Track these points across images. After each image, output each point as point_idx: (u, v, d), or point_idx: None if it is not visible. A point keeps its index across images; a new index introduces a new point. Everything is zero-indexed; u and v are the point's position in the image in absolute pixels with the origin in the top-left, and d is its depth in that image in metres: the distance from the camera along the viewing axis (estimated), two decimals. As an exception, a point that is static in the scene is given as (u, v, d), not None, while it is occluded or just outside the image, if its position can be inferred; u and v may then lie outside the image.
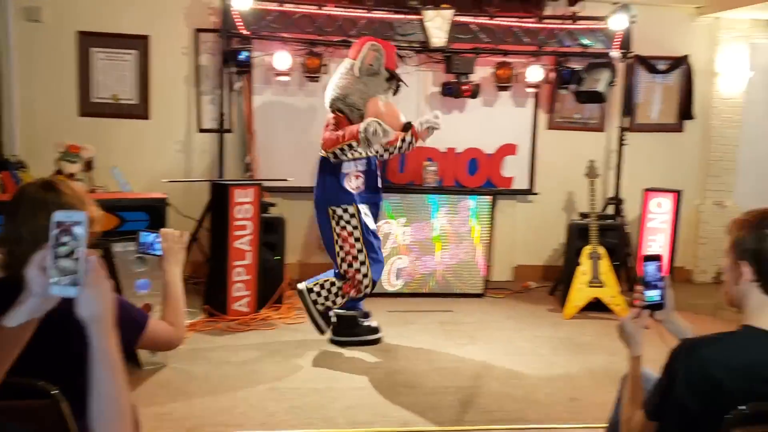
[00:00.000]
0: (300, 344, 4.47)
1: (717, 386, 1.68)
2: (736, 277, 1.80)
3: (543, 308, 5.51)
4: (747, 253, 1.75)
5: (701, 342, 1.79)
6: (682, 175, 6.36)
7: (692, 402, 1.71)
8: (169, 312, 2.20)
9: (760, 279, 1.75)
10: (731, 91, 6.41)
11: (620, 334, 2.04)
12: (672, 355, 1.78)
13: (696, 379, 1.70)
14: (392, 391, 3.81)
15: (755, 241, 1.73)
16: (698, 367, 1.70)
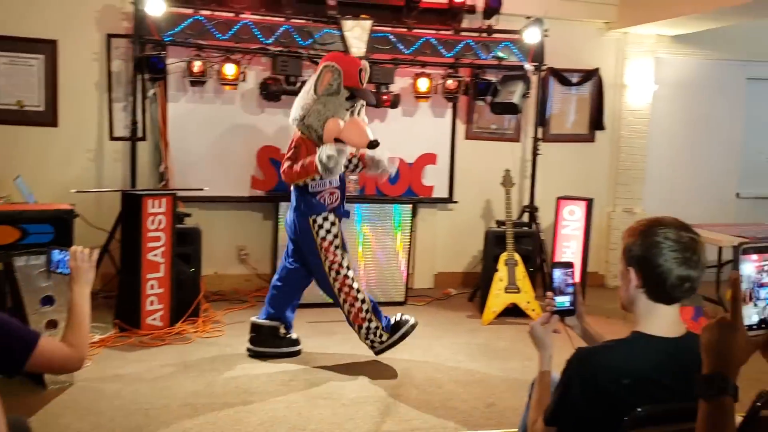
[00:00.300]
0: (216, 358, 4.37)
1: (609, 392, 1.73)
2: (626, 283, 1.85)
3: (462, 315, 5.59)
4: (634, 260, 1.81)
5: (593, 350, 1.85)
6: (593, 184, 6.59)
7: (587, 409, 1.76)
8: (70, 332, 2.10)
9: (645, 286, 1.80)
10: (638, 103, 6.70)
11: (532, 339, 2.10)
12: (567, 363, 1.83)
13: (589, 386, 1.75)
14: (310, 403, 3.77)
15: (641, 248, 1.78)
16: (591, 375, 1.75)
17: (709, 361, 1.28)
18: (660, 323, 1.81)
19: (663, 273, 1.76)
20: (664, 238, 1.76)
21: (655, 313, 1.81)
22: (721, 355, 1.27)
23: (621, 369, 1.74)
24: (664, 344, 1.79)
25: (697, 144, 7.02)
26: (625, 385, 1.73)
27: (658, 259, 1.76)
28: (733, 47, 6.86)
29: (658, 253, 1.76)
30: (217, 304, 5.49)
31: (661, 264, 1.75)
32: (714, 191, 7.11)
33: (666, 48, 6.78)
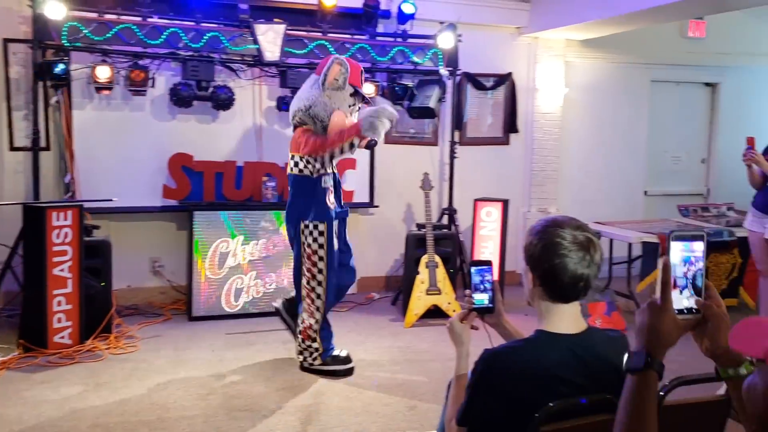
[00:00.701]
0: (129, 375, 4.19)
1: (515, 392, 1.74)
2: (528, 282, 1.88)
3: (385, 319, 5.58)
4: (532, 259, 1.83)
5: (498, 351, 1.85)
6: (509, 185, 6.73)
7: (494, 409, 1.76)
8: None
9: (542, 285, 1.82)
10: (550, 106, 6.89)
11: (449, 334, 2.11)
12: (474, 365, 1.83)
13: (495, 387, 1.76)
14: (229, 416, 3.67)
15: (538, 249, 1.80)
16: (496, 376, 1.76)
17: (640, 340, 1.35)
18: (560, 321, 1.83)
19: (558, 273, 1.78)
20: (560, 238, 1.78)
21: (554, 311, 1.83)
22: (650, 336, 1.33)
23: (525, 368, 1.76)
24: (566, 341, 1.81)
25: (606, 144, 7.28)
26: (530, 383, 1.74)
27: (553, 260, 1.77)
28: (638, 51, 7.16)
29: (554, 254, 1.77)
30: (131, 318, 5.29)
31: (556, 264, 1.77)
32: (623, 190, 7.39)
33: (575, 52, 7.01)
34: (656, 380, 1.33)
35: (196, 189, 5.47)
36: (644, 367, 1.32)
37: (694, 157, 7.86)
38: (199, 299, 5.33)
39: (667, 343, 1.34)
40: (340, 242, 4.32)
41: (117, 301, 5.06)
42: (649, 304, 1.35)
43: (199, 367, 4.36)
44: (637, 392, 1.33)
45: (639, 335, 1.36)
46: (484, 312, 2.08)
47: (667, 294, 1.33)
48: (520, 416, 1.71)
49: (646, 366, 1.32)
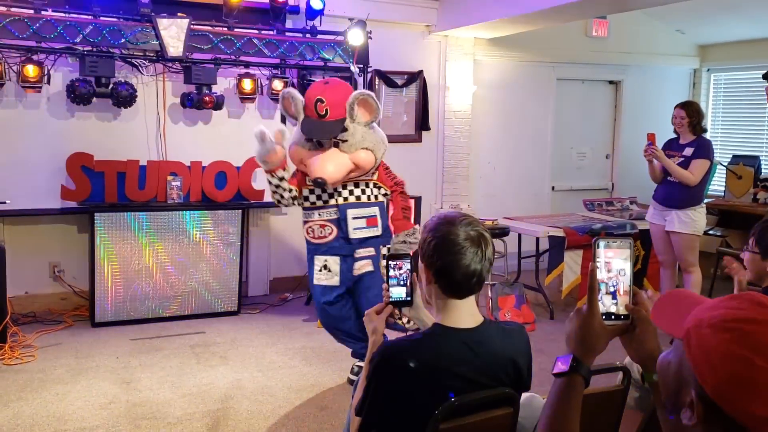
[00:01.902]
0: (24, 386, 3.99)
1: (413, 383, 1.76)
2: (424, 279, 1.89)
3: (298, 319, 5.53)
4: (426, 257, 1.85)
5: (394, 344, 1.87)
6: (422, 182, 6.79)
7: (392, 401, 1.78)
8: None
9: (437, 280, 1.84)
10: (460, 103, 6.99)
11: (365, 325, 2.10)
12: (372, 355, 1.84)
13: (390, 379, 1.78)
14: (132, 425, 3.55)
15: (432, 246, 1.83)
16: (391, 369, 1.78)
17: (569, 346, 1.37)
18: (456, 315, 1.86)
19: (452, 269, 1.80)
20: (453, 235, 1.81)
21: (450, 306, 1.86)
22: (578, 342, 1.34)
23: (421, 359, 1.77)
24: (461, 335, 1.84)
25: (515, 141, 7.46)
26: (425, 376, 1.76)
27: (446, 257, 1.80)
28: (544, 50, 7.36)
29: (447, 251, 1.80)
30: (28, 326, 5.03)
31: (450, 261, 1.80)
32: (531, 185, 7.60)
33: (484, 51, 7.14)
34: (582, 385, 1.34)
35: (97, 190, 5.24)
36: (570, 371, 1.33)
37: (599, 153, 8.16)
38: (104, 304, 5.13)
39: (594, 348, 1.35)
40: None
41: (13, 309, 4.80)
42: (577, 311, 1.36)
43: (101, 376, 4.20)
44: (563, 396, 1.33)
45: (568, 342, 1.37)
46: (401, 305, 2.08)
47: (594, 300, 1.34)
48: (415, 408, 1.73)
49: (572, 370, 1.33)
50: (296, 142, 3.99)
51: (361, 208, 4.03)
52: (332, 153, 3.83)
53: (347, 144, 3.84)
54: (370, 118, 3.91)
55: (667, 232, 5.22)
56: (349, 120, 3.85)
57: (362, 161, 3.90)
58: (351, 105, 3.83)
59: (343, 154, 3.84)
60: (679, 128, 5.18)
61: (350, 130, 3.85)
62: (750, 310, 0.99)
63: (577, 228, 5.74)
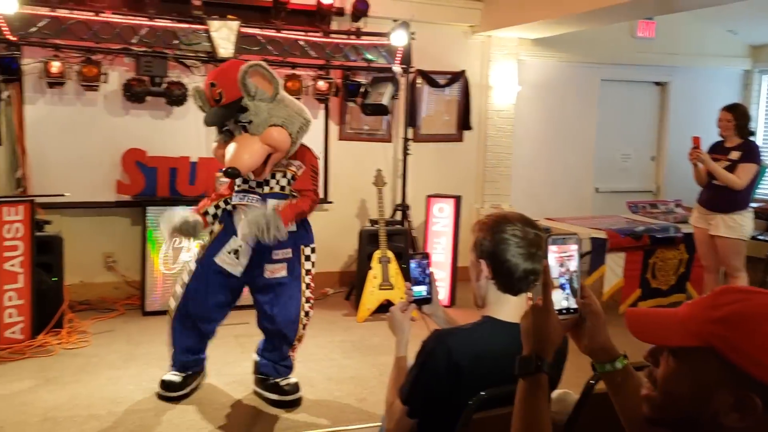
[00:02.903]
0: (81, 369, 4.22)
1: (459, 372, 1.85)
2: (477, 274, 1.99)
3: (338, 313, 5.67)
4: (485, 253, 1.94)
5: (447, 331, 1.97)
6: (462, 182, 6.86)
7: (438, 387, 1.87)
8: None
9: (495, 277, 1.94)
10: (503, 103, 7.03)
11: (389, 323, 2.21)
12: (422, 344, 1.94)
13: (441, 365, 1.86)
14: (179, 409, 3.73)
15: (491, 244, 1.92)
16: (443, 354, 1.86)
17: (528, 344, 1.41)
18: (507, 310, 1.95)
19: (511, 267, 1.91)
20: (512, 234, 1.91)
21: (503, 301, 1.95)
22: (537, 338, 1.39)
23: (470, 350, 1.87)
24: (510, 329, 1.89)
25: (558, 142, 7.46)
26: (473, 365, 1.85)
27: (506, 255, 1.90)
28: (589, 50, 7.34)
29: (506, 249, 1.90)
30: (84, 313, 5.29)
31: (509, 259, 1.90)
32: (574, 186, 7.58)
33: (528, 51, 7.16)
34: (547, 382, 1.39)
35: (150, 184, 5.49)
36: (535, 370, 1.37)
37: (644, 155, 8.09)
38: (153, 294, 5.36)
39: (553, 343, 1.39)
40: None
41: (69, 297, 5.05)
42: (533, 307, 1.41)
43: (151, 362, 4.40)
44: (531, 395, 1.37)
45: (525, 338, 1.42)
46: (422, 303, 2.18)
47: (549, 295, 1.38)
48: (459, 396, 1.82)
49: (537, 369, 1.37)
50: (216, 139, 3.65)
51: (281, 199, 3.64)
52: (242, 139, 3.45)
53: (254, 125, 3.44)
54: (272, 90, 3.47)
55: (712, 237, 5.17)
56: (248, 98, 3.42)
57: (275, 141, 3.45)
58: (242, 81, 3.40)
59: (253, 138, 3.43)
60: (725, 131, 5.13)
61: (251, 109, 3.43)
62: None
63: (620, 230, 5.73)
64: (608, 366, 1.41)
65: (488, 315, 1.97)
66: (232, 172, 3.40)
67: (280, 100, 3.52)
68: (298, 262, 3.79)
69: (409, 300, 2.19)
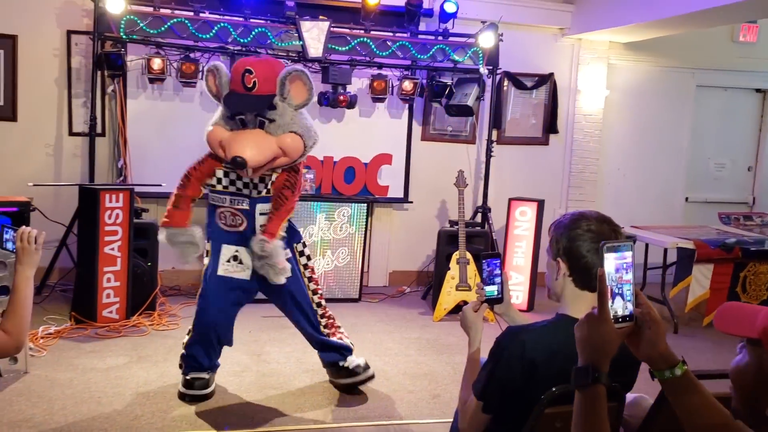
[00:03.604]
0: (170, 350, 4.45)
1: (534, 367, 1.87)
2: (554, 272, 2.00)
3: (415, 312, 5.73)
4: (561, 251, 1.96)
5: (522, 327, 1.99)
6: (546, 186, 6.78)
7: (512, 382, 1.89)
8: (9, 318, 2.15)
9: (572, 274, 1.95)
10: (591, 107, 6.91)
11: (462, 322, 2.25)
12: (497, 340, 1.97)
13: (516, 361, 1.89)
14: (260, 393, 3.88)
15: (567, 240, 1.94)
16: (518, 350, 1.89)
17: (583, 354, 1.40)
18: (583, 307, 1.91)
19: (588, 263, 1.91)
20: (587, 230, 1.92)
21: (581, 298, 1.95)
22: (593, 348, 1.38)
23: (545, 346, 1.89)
24: None
25: (647, 148, 7.26)
26: (547, 361, 1.87)
27: (582, 250, 1.91)
28: (684, 55, 7.11)
29: (582, 246, 1.91)
30: (174, 298, 5.57)
31: (586, 255, 1.91)
32: (663, 195, 7.35)
33: (618, 54, 7.01)
34: (605, 393, 1.37)
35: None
36: (592, 382, 1.36)
37: (740, 165, 7.75)
38: (239, 283, 5.57)
39: (609, 353, 1.37)
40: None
41: (162, 281, 5.35)
42: (588, 316, 1.39)
43: (235, 347, 4.53)
44: (588, 407, 1.36)
45: (581, 349, 1.41)
46: (494, 302, 2.21)
47: (605, 304, 1.36)
48: (534, 392, 1.84)
49: (594, 381, 1.36)
50: (216, 122, 3.58)
51: (267, 203, 3.59)
52: (256, 134, 3.38)
53: (275, 125, 3.39)
54: (302, 101, 3.43)
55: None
56: (279, 98, 3.39)
57: (289, 147, 3.40)
58: (282, 80, 3.37)
59: (268, 137, 3.38)
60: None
61: (279, 108, 3.39)
62: None
63: (709, 241, 5.53)
64: (668, 373, 1.38)
65: (563, 312, 1.98)
66: (240, 162, 3.31)
67: (301, 112, 3.51)
68: (294, 262, 3.75)
69: (480, 299, 2.22)
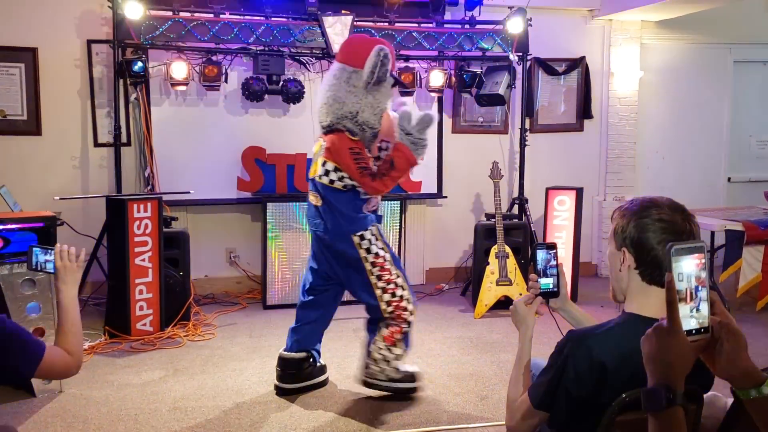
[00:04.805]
0: (207, 361, 4.34)
1: (603, 374, 1.71)
2: (618, 264, 1.82)
3: (454, 309, 5.56)
4: (627, 241, 1.77)
5: (587, 332, 1.81)
6: (583, 173, 6.57)
7: (580, 390, 1.73)
8: (64, 338, 2.07)
9: (639, 266, 1.77)
10: (625, 90, 6.67)
11: (513, 317, 2.10)
12: (558, 346, 1.80)
13: (583, 368, 1.72)
14: (301, 402, 3.74)
15: (636, 229, 1.75)
16: (585, 357, 1.72)
17: (654, 374, 1.23)
18: (653, 304, 1.76)
19: (658, 255, 1.72)
20: (657, 219, 1.73)
21: (648, 294, 1.77)
22: (665, 366, 1.21)
23: (613, 351, 1.71)
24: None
25: (686, 129, 7.00)
26: (617, 367, 1.70)
27: (652, 242, 1.73)
28: (719, 31, 6.84)
29: (652, 236, 1.73)
30: (208, 307, 5.47)
31: (655, 246, 1.72)
32: (704, 176, 7.09)
33: (651, 34, 6.76)
34: (682, 415, 1.21)
35: (269, 181, 5.61)
36: (666, 404, 1.19)
37: (784, 141, 7.46)
38: (273, 288, 5.46)
39: (683, 370, 1.21)
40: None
41: (195, 290, 5.25)
42: (656, 328, 1.22)
43: (273, 354, 4.43)
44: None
45: (650, 367, 1.24)
46: (549, 296, 2.05)
47: (675, 315, 1.19)
48: (603, 400, 1.68)
49: (669, 404, 1.19)
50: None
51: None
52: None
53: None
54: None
55: None
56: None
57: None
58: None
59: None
60: None
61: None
62: None
63: (758, 222, 5.29)
64: (753, 392, 1.21)
65: (630, 311, 1.80)
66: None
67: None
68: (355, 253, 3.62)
69: (534, 293, 2.06)
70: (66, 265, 2.14)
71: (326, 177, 3.49)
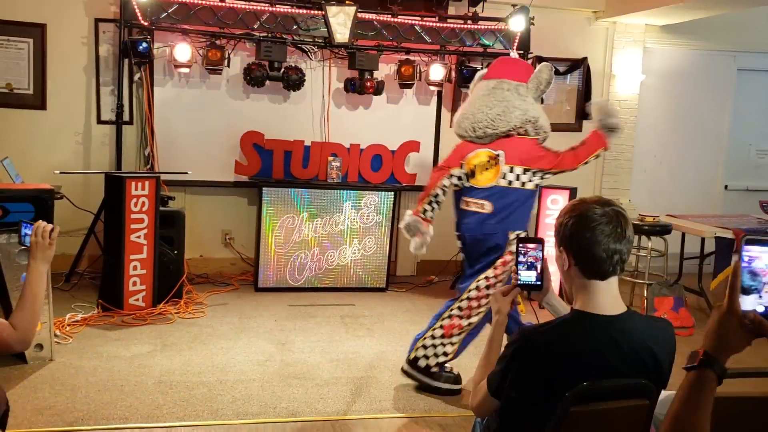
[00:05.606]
0: (195, 338, 4.44)
1: (548, 372, 1.77)
2: (561, 265, 1.87)
3: (443, 301, 5.56)
4: (565, 239, 1.83)
5: (533, 330, 1.86)
6: (578, 174, 6.51)
7: (528, 387, 1.79)
8: (19, 314, 2.11)
9: (578, 263, 1.82)
10: (626, 92, 6.71)
11: (491, 305, 2.15)
12: (510, 342, 1.86)
13: (530, 365, 1.79)
14: (283, 383, 3.83)
15: (570, 227, 1.81)
16: (532, 354, 1.79)
17: (705, 342, 1.34)
18: (597, 300, 1.82)
19: (592, 247, 1.78)
20: (590, 212, 1.80)
21: (591, 290, 1.83)
22: (716, 338, 1.32)
23: (560, 348, 1.77)
24: (602, 322, 1.81)
25: (685, 135, 7.04)
26: (563, 364, 1.76)
27: (585, 233, 1.79)
28: (724, 38, 6.86)
29: (585, 228, 1.79)
30: (201, 286, 5.57)
31: (589, 238, 1.78)
32: (701, 182, 7.13)
33: (655, 38, 6.79)
34: (714, 382, 1.31)
35: (266, 166, 5.68)
36: (699, 365, 1.30)
37: (783, 151, 7.48)
38: (266, 271, 5.55)
39: (730, 347, 1.31)
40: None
41: (189, 270, 5.35)
42: (716, 307, 1.34)
43: (260, 335, 4.56)
44: (692, 391, 1.31)
45: (706, 337, 1.35)
46: (530, 289, 2.08)
47: (735, 297, 1.30)
48: (549, 396, 1.74)
49: (701, 364, 1.30)
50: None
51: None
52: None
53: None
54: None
55: None
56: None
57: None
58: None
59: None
60: None
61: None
62: None
63: (749, 230, 5.33)
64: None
65: (576, 308, 1.85)
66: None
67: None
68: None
69: (513, 284, 2.11)
70: (38, 242, 2.18)
71: (517, 181, 3.78)
